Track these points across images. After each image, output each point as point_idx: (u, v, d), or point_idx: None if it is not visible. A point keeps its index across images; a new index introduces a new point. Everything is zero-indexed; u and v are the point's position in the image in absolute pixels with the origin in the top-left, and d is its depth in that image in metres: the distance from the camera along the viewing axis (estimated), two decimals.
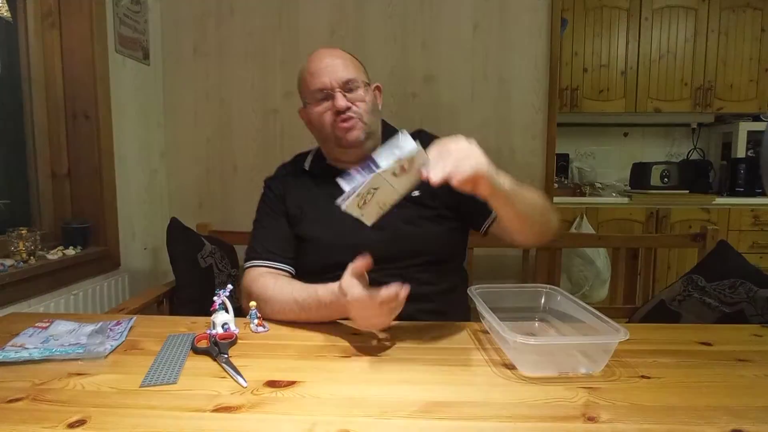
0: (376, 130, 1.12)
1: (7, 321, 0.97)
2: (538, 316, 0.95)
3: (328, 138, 1.09)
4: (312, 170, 1.17)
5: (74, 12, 1.48)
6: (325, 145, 1.15)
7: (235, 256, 1.65)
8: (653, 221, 2.86)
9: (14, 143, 1.46)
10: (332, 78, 1.06)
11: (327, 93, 1.06)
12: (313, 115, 1.09)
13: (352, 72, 1.08)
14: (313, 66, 1.08)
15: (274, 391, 0.67)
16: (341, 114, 1.05)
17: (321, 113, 1.07)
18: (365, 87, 1.09)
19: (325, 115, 1.07)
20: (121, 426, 0.58)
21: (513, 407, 0.63)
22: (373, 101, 1.10)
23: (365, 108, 1.07)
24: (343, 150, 1.09)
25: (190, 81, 1.86)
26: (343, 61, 1.08)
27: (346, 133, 1.06)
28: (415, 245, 1.03)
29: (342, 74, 1.06)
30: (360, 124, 1.07)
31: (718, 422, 0.59)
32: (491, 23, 1.78)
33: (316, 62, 1.08)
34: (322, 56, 1.09)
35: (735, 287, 1.26)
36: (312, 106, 1.09)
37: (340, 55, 1.09)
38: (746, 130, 3.02)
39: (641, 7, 2.98)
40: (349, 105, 1.05)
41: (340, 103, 1.04)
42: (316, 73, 1.07)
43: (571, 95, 3.04)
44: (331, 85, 1.05)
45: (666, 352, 0.81)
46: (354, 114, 1.06)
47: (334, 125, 1.06)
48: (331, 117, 1.06)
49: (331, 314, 0.92)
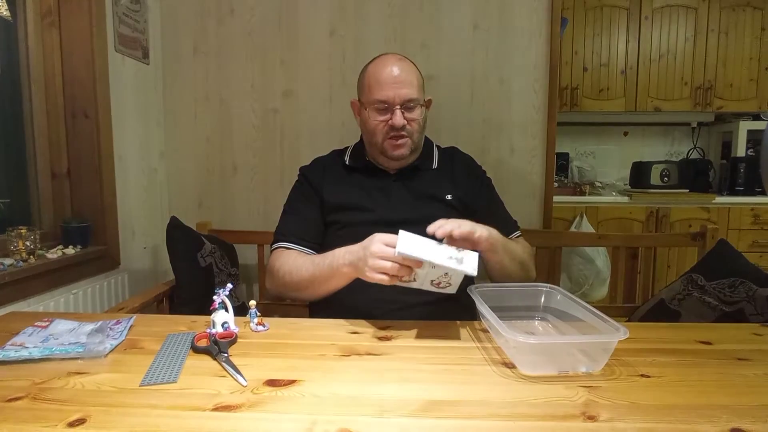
0: (421, 144, 1.22)
1: (6, 320, 0.97)
2: (538, 315, 0.95)
3: (375, 144, 1.17)
4: (352, 165, 1.24)
5: (74, 11, 1.48)
6: (369, 146, 1.22)
7: (235, 255, 1.65)
8: (653, 220, 2.86)
9: (14, 143, 1.46)
10: (397, 94, 1.10)
11: (388, 107, 1.11)
12: (368, 120, 1.15)
13: (415, 92, 1.13)
14: (381, 74, 1.12)
15: (274, 390, 0.67)
16: (395, 130, 1.11)
17: (376, 123, 1.14)
18: (421, 106, 1.15)
19: (380, 126, 1.14)
20: (121, 425, 0.58)
21: (513, 406, 0.63)
22: (425, 119, 1.18)
23: (417, 128, 1.15)
24: (385, 159, 1.18)
25: (190, 80, 1.86)
26: (410, 78, 1.13)
27: (394, 149, 1.14)
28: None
29: (406, 92, 1.11)
30: (410, 142, 1.15)
31: (718, 421, 0.59)
32: (491, 23, 1.78)
33: (385, 72, 1.12)
34: (391, 66, 1.13)
35: (735, 286, 1.26)
36: (369, 112, 1.14)
37: (408, 70, 1.13)
38: (746, 129, 3.02)
39: (641, 6, 2.98)
40: (404, 123, 1.11)
41: (398, 121, 1.10)
42: (382, 83, 1.11)
43: (571, 94, 3.04)
44: (394, 101, 1.10)
45: (666, 351, 0.81)
46: (407, 133, 1.13)
47: (384, 137, 1.14)
48: (385, 129, 1.13)
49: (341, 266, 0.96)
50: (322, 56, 1.82)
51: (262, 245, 1.70)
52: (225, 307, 0.89)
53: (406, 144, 1.15)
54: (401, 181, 1.20)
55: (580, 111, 3.07)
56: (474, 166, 1.30)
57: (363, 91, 1.17)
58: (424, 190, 1.19)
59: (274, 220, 1.24)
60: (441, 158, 1.27)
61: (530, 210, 1.83)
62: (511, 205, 1.32)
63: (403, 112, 1.11)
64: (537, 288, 0.97)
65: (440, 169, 1.24)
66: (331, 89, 1.83)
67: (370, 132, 1.16)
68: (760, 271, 1.28)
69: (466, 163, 1.29)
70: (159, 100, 1.86)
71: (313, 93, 1.83)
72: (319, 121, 1.84)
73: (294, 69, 1.84)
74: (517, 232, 1.26)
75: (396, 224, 0.96)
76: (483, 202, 1.24)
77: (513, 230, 1.25)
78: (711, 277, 1.32)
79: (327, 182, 1.21)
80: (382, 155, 1.17)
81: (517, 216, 1.31)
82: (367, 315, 0.98)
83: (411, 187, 1.20)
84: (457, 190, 1.20)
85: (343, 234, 1.12)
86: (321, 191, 1.20)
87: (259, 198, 1.89)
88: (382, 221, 1.10)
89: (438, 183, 1.21)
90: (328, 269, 1.00)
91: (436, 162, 1.25)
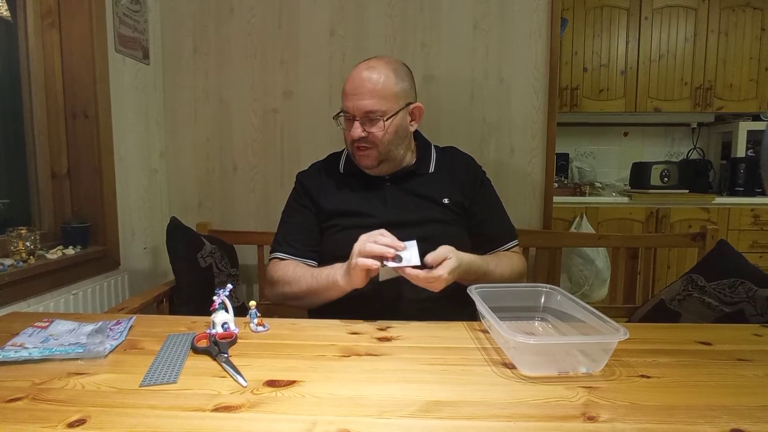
0: (396, 154, 1.17)
1: (6, 320, 0.97)
2: (537, 315, 0.95)
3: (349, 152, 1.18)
4: (346, 170, 1.23)
5: (74, 11, 1.48)
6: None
7: (235, 256, 1.65)
8: (653, 221, 2.86)
9: (14, 143, 1.46)
10: (355, 105, 1.09)
11: (350, 117, 1.11)
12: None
13: (377, 103, 1.08)
14: (348, 82, 1.12)
15: (274, 391, 0.67)
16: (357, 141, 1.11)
17: (344, 132, 1.14)
18: (390, 117, 1.10)
19: (346, 134, 1.14)
20: (120, 425, 0.58)
21: (513, 407, 0.63)
22: (396, 128, 1.12)
23: (381, 137, 1.11)
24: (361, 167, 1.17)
25: (190, 80, 1.86)
26: (376, 88, 1.08)
27: (360, 159, 1.15)
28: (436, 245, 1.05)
29: (365, 104, 1.08)
30: (374, 153, 1.12)
31: (718, 422, 0.59)
32: (491, 23, 1.78)
33: (351, 81, 1.11)
34: (357, 76, 1.11)
35: (735, 287, 1.26)
36: (340, 119, 1.15)
37: (375, 80, 1.09)
38: (746, 130, 3.02)
39: (641, 6, 2.98)
40: (363, 135, 1.10)
41: (354, 133, 1.10)
42: (347, 92, 1.11)
43: (571, 95, 3.04)
44: (354, 112, 1.10)
45: (666, 352, 0.81)
46: (368, 144, 1.11)
47: (352, 147, 1.14)
48: (350, 138, 1.12)
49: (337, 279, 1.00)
50: (322, 56, 1.82)
51: (262, 246, 1.70)
52: (225, 308, 0.89)
53: (371, 155, 1.12)
54: (396, 185, 1.18)
55: (580, 111, 3.06)
56: (473, 168, 1.27)
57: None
58: (420, 193, 1.17)
59: (274, 220, 1.25)
60: (438, 161, 1.24)
61: (530, 210, 1.83)
62: (511, 205, 1.31)
63: (362, 125, 1.09)
64: (537, 288, 0.97)
65: (437, 173, 1.22)
66: (331, 89, 1.83)
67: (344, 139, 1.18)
68: (760, 271, 1.28)
69: (465, 164, 1.26)
70: (159, 100, 1.86)
71: (313, 93, 1.83)
72: (319, 121, 1.83)
73: (294, 69, 1.84)
74: (512, 242, 1.23)
75: (393, 227, 0.96)
76: (481, 207, 1.21)
77: (509, 240, 1.23)
78: (711, 277, 1.32)
79: (324, 188, 1.20)
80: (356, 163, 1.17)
81: (516, 216, 1.30)
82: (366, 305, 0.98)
83: (407, 189, 1.18)
84: (454, 194, 1.18)
85: (341, 237, 1.11)
86: (318, 197, 1.19)
87: (259, 198, 1.90)
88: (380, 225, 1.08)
89: (435, 186, 1.19)
90: (325, 281, 1.03)
91: (432, 166, 1.23)
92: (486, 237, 1.21)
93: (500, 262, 1.16)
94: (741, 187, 2.96)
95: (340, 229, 1.15)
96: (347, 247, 0.98)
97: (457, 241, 1.07)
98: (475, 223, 1.20)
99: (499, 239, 1.22)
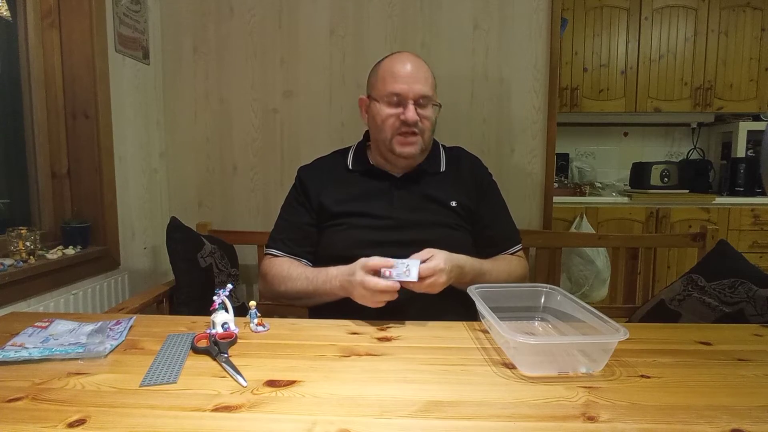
0: (429, 147, 1.18)
1: (6, 320, 0.97)
2: (538, 315, 0.95)
3: (383, 140, 1.13)
4: (354, 168, 1.21)
5: (74, 11, 1.48)
6: (376, 143, 1.18)
7: (235, 256, 1.65)
8: (653, 221, 2.86)
9: (14, 143, 1.46)
10: (411, 88, 1.08)
11: (401, 100, 1.09)
12: (378, 114, 1.12)
13: (430, 89, 1.11)
14: (396, 68, 1.11)
15: (274, 391, 0.67)
16: (407, 126, 1.08)
17: (387, 116, 1.10)
18: (434, 106, 1.12)
19: (390, 120, 1.10)
20: (120, 425, 0.58)
21: (513, 407, 0.63)
22: (435, 121, 1.15)
23: (428, 126, 1.12)
24: (393, 158, 1.14)
25: (190, 80, 1.86)
26: (425, 75, 1.11)
27: (403, 146, 1.11)
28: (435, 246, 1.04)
29: (421, 88, 1.09)
30: (420, 141, 1.12)
31: (718, 422, 0.59)
32: (491, 23, 1.78)
33: (400, 65, 1.11)
34: (407, 61, 1.11)
35: (735, 287, 1.26)
36: (380, 105, 1.11)
37: (423, 68, 1.12)
38: (746, 130, 3.02)
39: (641, 6, 2.98)
40: (417, 120, 1.09)
41: (410, 115, 1.07)
42: (397, 76, 1.09)
43: (571, 95, 3.04)
44: (408, 95, 1.08)
45: (666, 352, 0.81)
46: (418, 130, 1.10)
47: (394, 133, 1.10)
48: (396, 124, 1.10)
49: (334, 288, 0.99)
50: (322, 56, 1.82)
51: (262, 246, 1.69)
52: (225, 308, 0.89)
53: (417, 142, 1.11)
54: (405, 185, 1.17)
55: (580, 111, 3.07)
56: (480, 170, 1.26)
57: (375, 84, 1.14)
58: (428, 194, 1.16)
59: (274, 220, 1.24)
60: (448, 160, 1.23)
61: (530, 210, 1.83)
62: (511, 205, 1.31)
63: (416, 108, 1.08)
64: (537, 288, 0.97)
65: (447, 173, 1.21)
66: (331, 89, 1.83)
67: (378, 127, 1.12)
68: (761, 271, 1.28)
69: (472, 166, 1.25)
70: (159, 100, 1.86)
71: (313, 93, 1.83)
72: (319, 121, 1.84)
73: (294, 69, 1.84)
74: (516, 247, 1.23)
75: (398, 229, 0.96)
76: (486, 211, 1.21)
77: (513, 245, 1.22)
78: (711, 277, 1.32)
79: (327, 186, 1.18)
80: (391, 153, 1.13)
81: (517, 216, 1.30)
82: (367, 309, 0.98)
83: (415, 191, 1.16)
84: (461, 197, 1.17)
85: (343, 236, 1.11)
86: (318, 195, 1.17)
87: (259, 198, 1.90)
88: (384, 226, 1.08)
89: (443, 188, 1.17)
90: (322, 286, 1.03)
91: (443, 165, 1.22)
92: (490, 240, 1.20)
93: (496, 263, 1.15)
94: (741, 187, 2.96)
95: (343, 229, 1.13)
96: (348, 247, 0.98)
97: (461, 247, 1.07)
98: (480, 226, 1.19)
99: (502, 243, 1.21)
